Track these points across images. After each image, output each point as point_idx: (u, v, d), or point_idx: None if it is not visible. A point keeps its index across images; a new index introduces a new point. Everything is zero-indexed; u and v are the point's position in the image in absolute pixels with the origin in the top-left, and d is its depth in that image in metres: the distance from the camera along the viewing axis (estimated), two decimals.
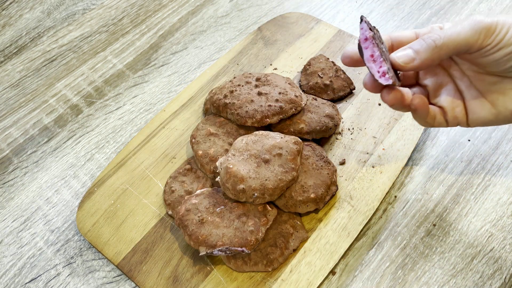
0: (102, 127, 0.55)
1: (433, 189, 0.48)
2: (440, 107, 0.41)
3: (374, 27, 0.38)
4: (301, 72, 0.57)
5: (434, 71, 0.41)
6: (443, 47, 0.36)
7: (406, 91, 0.40)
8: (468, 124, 0.41)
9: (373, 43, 0.36)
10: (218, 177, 0.43)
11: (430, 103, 0.41)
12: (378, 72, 0.37)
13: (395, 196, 0.47)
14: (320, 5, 0.68)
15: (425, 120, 0.40)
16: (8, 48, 0.65)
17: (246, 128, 0.49)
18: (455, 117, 0.40)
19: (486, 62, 0.37)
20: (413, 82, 0.43)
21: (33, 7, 0.70)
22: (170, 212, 0.45)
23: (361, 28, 0.36)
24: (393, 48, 0.40)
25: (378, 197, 0.46)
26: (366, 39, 0.36)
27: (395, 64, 0.37)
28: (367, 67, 0.37)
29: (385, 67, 0.36)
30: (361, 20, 0.36)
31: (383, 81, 0.37)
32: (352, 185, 0.47)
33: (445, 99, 0.40)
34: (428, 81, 0.42)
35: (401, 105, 0.39)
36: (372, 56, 0.37)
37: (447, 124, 0.41)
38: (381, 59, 0.36)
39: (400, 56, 0.37)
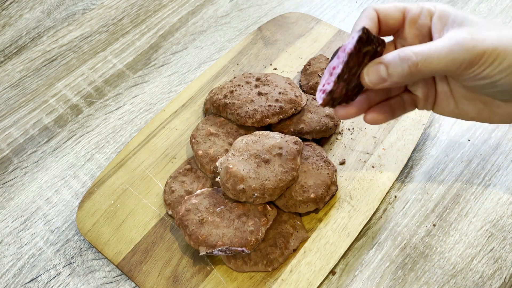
0: (102, 127, 0.55)
1: (433, 189, 0.48)
2: (414, 95, 0.40)
3: (380, 39, 0.35)
4: (301, 72, 0.57)
5: None
6: (419, 72, 0.33)
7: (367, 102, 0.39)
8: (432, 109, 0.41)
9: (344, 60, 0.33)
10: (218, 177, 0.43)
11: (407, 90, 0.40)
12: (323, 85, 0.35)
13: (395, 196, 0.47)
14: (320, 5, 0.68)
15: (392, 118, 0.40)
16: (8, 48, 0.65)
17: (246, 128, 0.49)
18: (425, 105, 0.40)
19: (459, 80, 0.36)
20: None
21: (33, 7, 0.70)
22: (170, 212, 0.45)
23: (352, 37, 0.33)
24: (379, 22, 0.36)
25: (378, 197, 0.46)
26: (344, 50, 0.33)
27: (363, 84, 0.35)
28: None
29: (331, 87, 0.34)
30: (358, 31, 0.33)
31: (318, 97, 0.35)
32: (352, 185, 0.47)
33: (422, 90, 0.39)
34: None
35: (354, 117, 0.39)
36: (334, 68, 0.34)
37: (414, 108, 0.40)
38: (335, 78, 0.34)
39: (371, 74, 0.34)
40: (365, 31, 0.32)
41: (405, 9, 0.37)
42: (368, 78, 0.35)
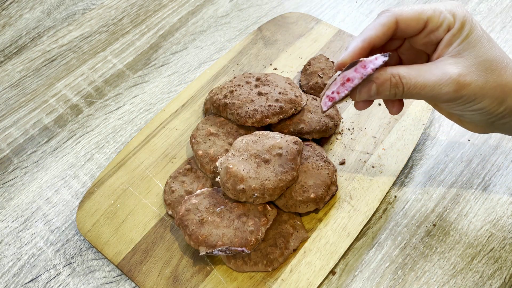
0: (102, 127, 0.55)
1: (433, 189, 0.48)
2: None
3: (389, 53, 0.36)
4: (301, 72, 0.57)
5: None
6: (402, 97, 0.36)
7: None
8: None
9: (363, 76, 0.35)
10: (218, 177, 0.43)
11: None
12: (332, 93, 0.36)
13: (395, 196, 0.47)
14: (320, 5, 0.68)
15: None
16: (8, 48, 0.65)
17: (246, 128, 0.49)
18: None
19: None
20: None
21: (33, 7, 0.70)
22: (170, 212, 0.45)
23: (376, 58, 0.34)
24: (396, 27, 0.36)
25: (378, 197, 0.46)
26: (365, 67, 0.34)
27: (351, 97, 0.37)
28: (334, 77, 0.36)
29: (338, 98, 0.36)
30: (384, 55, 0.34)
31: (323, 103, 0.37)
32: (352, 185, 0.47)
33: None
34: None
35: None
36: (348, 80, 0.35)
37: None
38: (349, 90, 0.36)
39: (363, 92, 0.36)
40: (389, 55, 0.34)
41: (427, 20, 0.36)
42: (359, 95, 0.37)
